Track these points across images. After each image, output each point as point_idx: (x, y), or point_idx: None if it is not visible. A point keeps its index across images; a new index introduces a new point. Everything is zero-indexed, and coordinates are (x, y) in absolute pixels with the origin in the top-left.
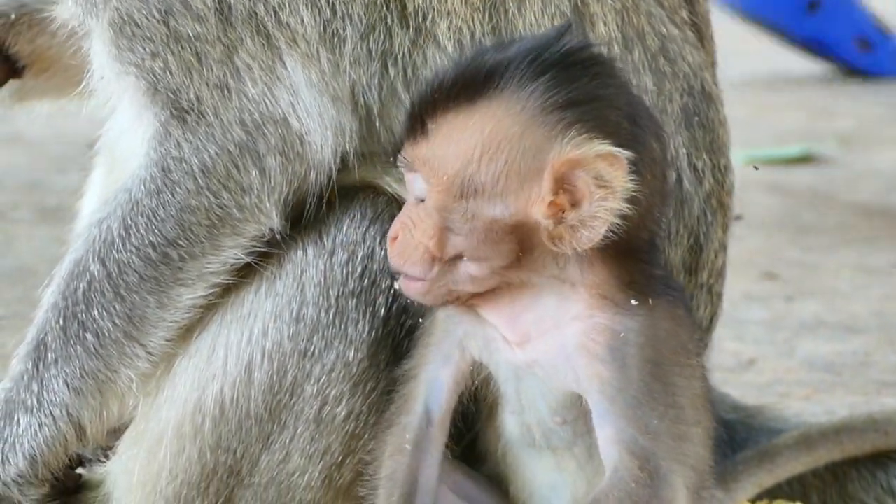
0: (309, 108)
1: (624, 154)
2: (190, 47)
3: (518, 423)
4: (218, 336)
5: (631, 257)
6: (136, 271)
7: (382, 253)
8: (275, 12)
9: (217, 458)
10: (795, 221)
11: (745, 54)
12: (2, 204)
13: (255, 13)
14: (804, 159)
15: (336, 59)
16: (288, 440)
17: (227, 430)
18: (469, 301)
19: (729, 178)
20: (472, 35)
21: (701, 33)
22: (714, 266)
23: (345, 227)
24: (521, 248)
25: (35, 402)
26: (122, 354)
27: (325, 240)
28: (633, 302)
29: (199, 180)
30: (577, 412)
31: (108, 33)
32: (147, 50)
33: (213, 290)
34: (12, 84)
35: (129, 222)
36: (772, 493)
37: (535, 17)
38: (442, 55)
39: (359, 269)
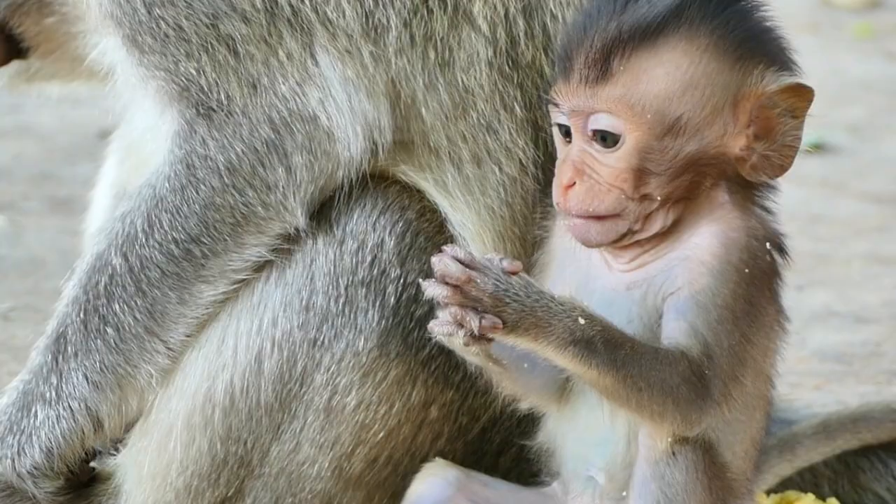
0: (341, 105)
1: (808, 85)
2: (230, 47)
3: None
4: (228, 326)
5: (758, 190)
6: (158, 267)
7: (392, 242)
8: (318, 8)
9: (227, 448)
10: (806, 211)
11: None
12: (12, 195)
13: (300, 10)
14: (815, 148)
15: (379, 50)
16: (298, 430)
17: (237, 421)
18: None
19: None
20: (506, 13)
21: None
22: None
23: (355, 217)
24: (703, 181)
25: (54, 395)
26: (143, 349)
27: (335, 229)
28: (756, 223)
29: (225, 178)
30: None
31: (138, 39)
32: (182, 51)
33: (234, 287)
34: (19, 65)
35: (154, 218)
36: (783, 483)
37: None
38: (476, 35)
39: (368, 259)
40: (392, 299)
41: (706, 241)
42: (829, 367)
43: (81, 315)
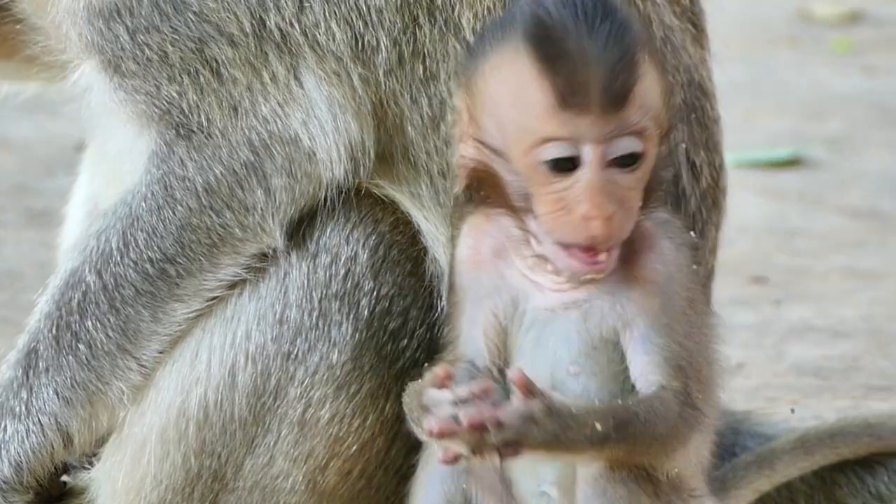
0: (325, 126)
1: None
2: (213, 70)
3: None
4: (201, 340)
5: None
6: (132, 285)
7: (365, 255)
8: (307, 31)
9: (202, 462)
10: (784, 225)
11: (731, 59)
12: None
13: (289, 34)
14: (793, 162)
15: (368, 72)
16: (272, 443)
17: (211, 435)
18: None
19: (723, 178)
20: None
21: (697, 26)
22: (707, 265)
23: (328, 230)
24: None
25: (23, 410)
26: (115, 366)
27: (308, 242)
28: (691, 234)
29: (203, 199)
30: (594, 362)
31: (120, 65)
32: (164, 75)
33: (207, 305)
34: None
35: (129, 237)
36: (760, 500)
37: None
38: (462, 46)
39: (342, 272)
40: (366, 312)
41: (652, 260)
42: (807, 381)
43: (53, 331)
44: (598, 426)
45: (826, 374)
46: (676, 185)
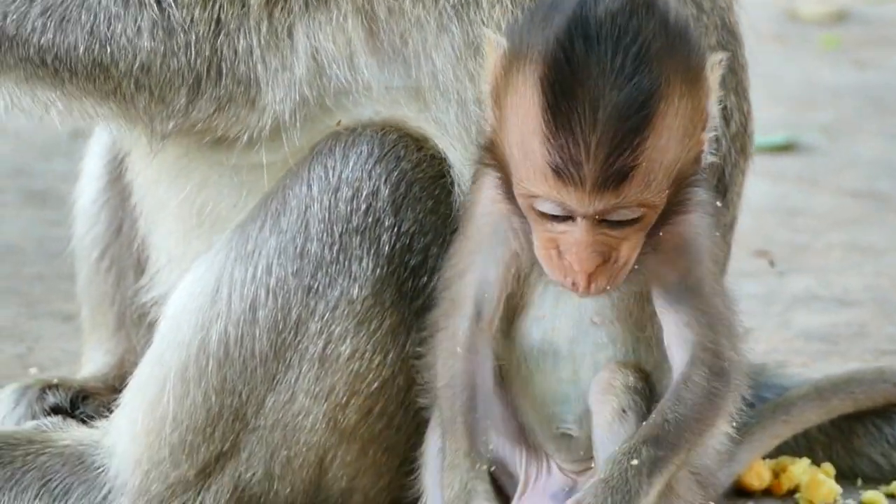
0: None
1: None
2: None
3: (542, 330)
4: (222, 275)
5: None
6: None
7: (387, 191)
8: None
9: (223, 401)
10: (784, 205)
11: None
12: None
13: None
14: (787, 147)
15: (395, 3)
16: (293, 380)
17: (231, 372)
18: None
19: (751, 124)
20: None
21: None
22: (733, 212)
23: (351, 164)
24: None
25: None
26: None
27: (330, 176)
28: (718, 204)
29: (135, 73)
30: (618, 311)
31: None
32: None
33: None
34: None
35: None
36: (778, 449)
37: None
38: None
39: (363, 207)
40: (386, 248)
41: (680, 223)
42: (815, 346)
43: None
44: (634, 461)
45: (834, 339)
46: None
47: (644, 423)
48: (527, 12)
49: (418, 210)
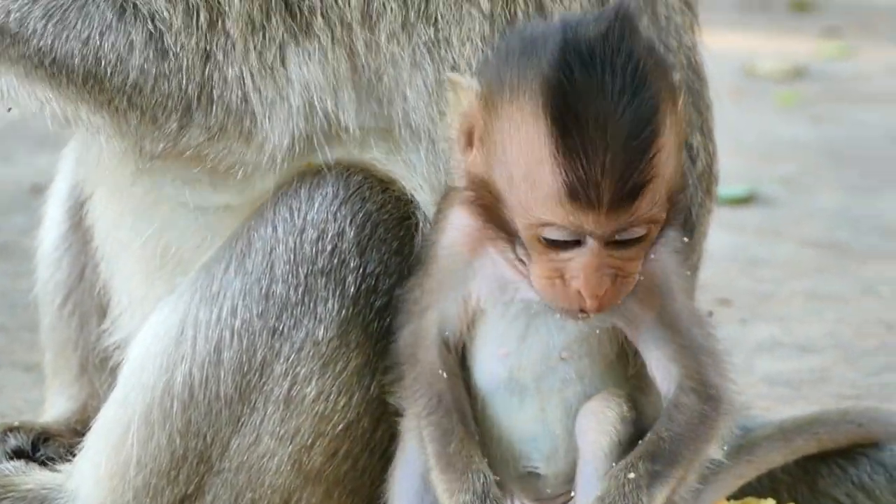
0: (284, 111)
1: None
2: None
3: (508, 367)
4: (186, 316)
5: None
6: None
7: (352, 232)
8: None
9: (187, 443)
10: (746, 255)
11: None
12: None
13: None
14: (748, 199)
15: (371, 37)
16: (258, 422)
17: (196, 414)
18: None
19: (716, 165)
20: None
21: (693, 11)
22: (699, 251)
23: (316, 205)
24: None
25: None
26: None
27: (295, 217)
28: (685, 240)
29: (128, 91)
30: (587, 347)
31: None
32: None
33: None
34: None
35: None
36: (742, 489)
37: None
38: (475, 11)
39: (329, 248)
40: (352, 289)
41: (650, 262)
42: (779, 391)
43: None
44: (630, 475)
45: (797, 384)
46: None
47: (639, 442)
48: (497, 50)
49: (383, 251)
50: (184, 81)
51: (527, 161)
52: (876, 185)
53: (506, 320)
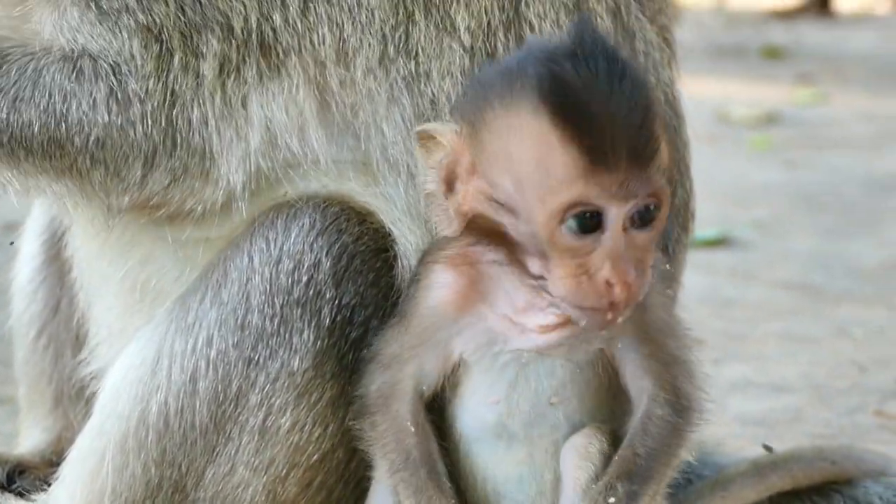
0: (243, 152)
1: None
2: (183, 55)
3: (497, 413)
4: (162, 346)
5: None
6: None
7: (328, 263)
8: (305, 34)
9: (162, 472)
10: (719, 296)
11: None
12: None
13: (281, 37)
14: (720, 242)
15: (346, 74)
16: (233, 452)
17: (171, 444)
18: None
19: (693, 202)
20: (489, 24)
21: (671, 48)
22: (677, 286)
23: (292, 236)
24: None
25: None
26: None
27: (271, 248)
28: (667, 266)
29: (91, 146)
30: (575, 386)
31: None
32: (137, 36)
33: None
34: None
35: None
36: None
37: (542, 8)
38: (456, 45)
39: (304, 279)
40: (327, 320)
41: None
42: (752, 430)
43: None
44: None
45: (771, 424)
46: None
47: (614, 459)
48: (470, 85)
49: (359, 283)
50: (149, 127)
51: (535, 154)
52: (848, 230)
53: (494, 371)
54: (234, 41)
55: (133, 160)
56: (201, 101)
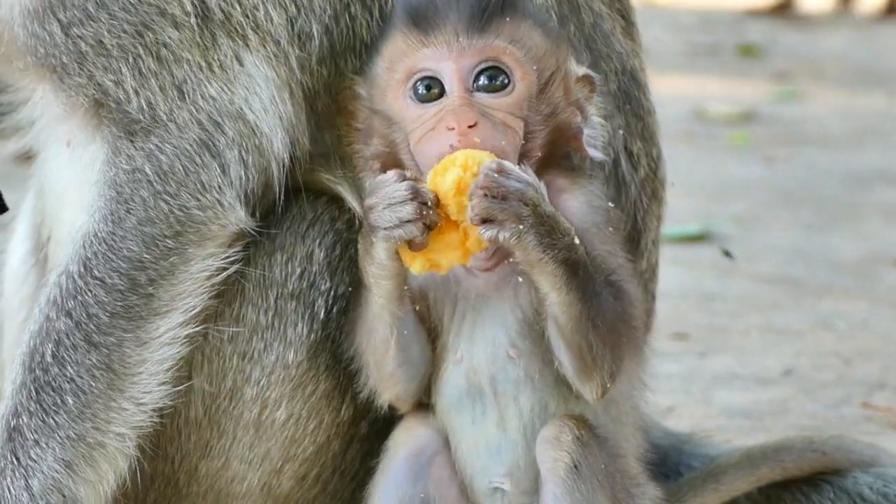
0: (265, 103)
1: (595, 75)
2: (154, 55)
3: (464, 372)
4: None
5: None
6: (104, 308)
7: (322, 254)
8: (249, 13)
9: (155, 466)
10: (700, 290)
11: None
12: None
13: (232, 16)
14: (701, 237)
15: (304, 57)
16: (227, 446)
17: (164, 438)
18: None
19: (661, 169)
20: None
21: (626, 18)
22: (650, 259)
23: (285, 228)
24: (557, 150)
25: (26, 496)
26: (109, 409)
27: (264, 240)
28: (611, 205)
29: (156, 185)
30: (531, 342)
31: (53, 62)
32: (99, 66)
33: (191, 316)
34: None
35: (88, 255)
36: None
37: None
38: None
39: (298, 271)
40: (322, 312)
41: (567, 207)
42: (738, 422)
43: (34, 395)
44: (576, 240)
45: (757, 415)
46: (616, 172)
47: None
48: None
49: (354, 272)
50: (187, 135)
51: (388, 52)
52: (828, 224)
53: (456, 319)
54: (183, 29)
55: (202, 166)
56: (210, 79)
